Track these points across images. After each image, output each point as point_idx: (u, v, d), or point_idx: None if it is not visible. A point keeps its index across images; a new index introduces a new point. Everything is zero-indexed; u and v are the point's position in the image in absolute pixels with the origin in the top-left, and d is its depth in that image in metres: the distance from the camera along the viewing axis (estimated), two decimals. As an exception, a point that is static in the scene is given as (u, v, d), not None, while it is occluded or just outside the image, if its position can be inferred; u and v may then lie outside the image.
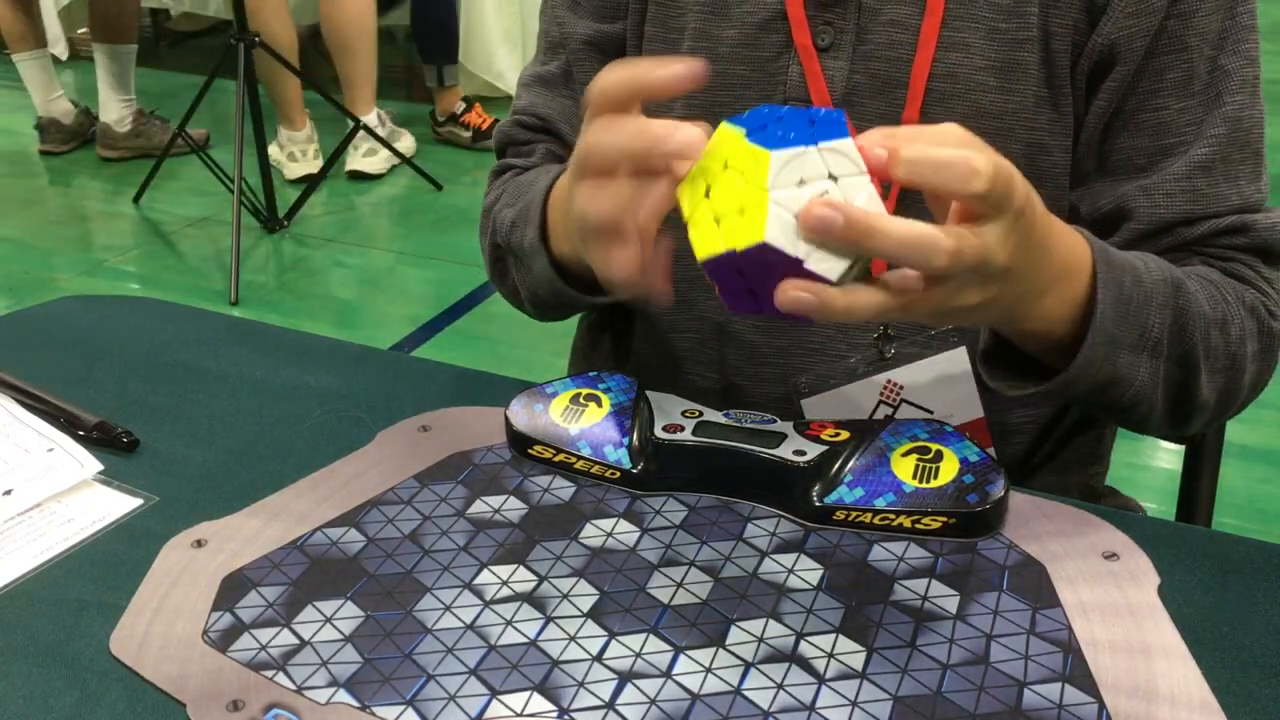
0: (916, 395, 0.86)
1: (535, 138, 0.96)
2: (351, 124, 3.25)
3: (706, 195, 0.58)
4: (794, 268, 0.57)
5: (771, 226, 0.56)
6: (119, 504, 0.74)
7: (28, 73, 3.62)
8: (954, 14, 0.80)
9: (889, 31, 0.81)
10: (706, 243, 0.58)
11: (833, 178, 0.57)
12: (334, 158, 3.21)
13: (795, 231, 0.56)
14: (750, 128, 0.58)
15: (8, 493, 0.74)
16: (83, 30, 4.84)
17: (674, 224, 0.62)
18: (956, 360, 0.85)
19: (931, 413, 0.85)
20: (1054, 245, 0.67)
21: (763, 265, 0.57)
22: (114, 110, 3.62)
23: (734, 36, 0.85)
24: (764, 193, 0.56)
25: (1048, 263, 0.67)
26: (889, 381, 0.86)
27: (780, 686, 0.59)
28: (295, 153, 3.47)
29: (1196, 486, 1.04)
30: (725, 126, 0.59)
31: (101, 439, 0.79)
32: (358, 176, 3.45)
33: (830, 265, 0.57)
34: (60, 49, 4.59)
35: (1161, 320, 0.73)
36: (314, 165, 3.41)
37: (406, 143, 3.67)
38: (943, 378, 0.85)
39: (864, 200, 0.57)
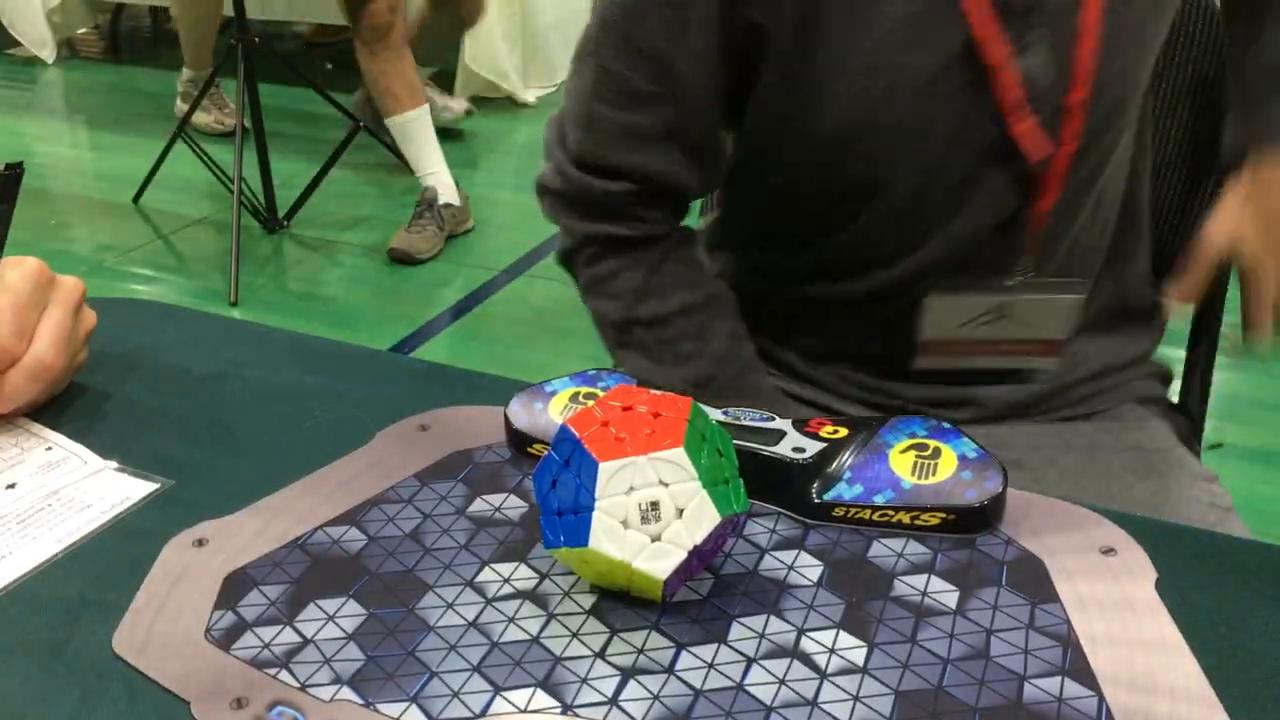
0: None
1: (640, 200, 0.96)
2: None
3: None
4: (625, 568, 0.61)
5: (596, 534, 0.61)
6: (118, 502, 0.74)
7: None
8: None
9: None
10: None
11: (664, 484, 0.60)
12: (334, 157, 3.20)
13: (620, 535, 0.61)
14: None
15: (10, 487, 0.74)
16: (83, 30, 4.85)
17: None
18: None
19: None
20: None
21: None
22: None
23: (927, 65, 0.88)
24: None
25: None
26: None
27: (782, 682, 0.59)
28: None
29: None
30: None
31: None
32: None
33: (660, 564, 0.61)
34: (47, 52, 4.60)
35: None
36: None
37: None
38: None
39: (696, 504, 0.61)
